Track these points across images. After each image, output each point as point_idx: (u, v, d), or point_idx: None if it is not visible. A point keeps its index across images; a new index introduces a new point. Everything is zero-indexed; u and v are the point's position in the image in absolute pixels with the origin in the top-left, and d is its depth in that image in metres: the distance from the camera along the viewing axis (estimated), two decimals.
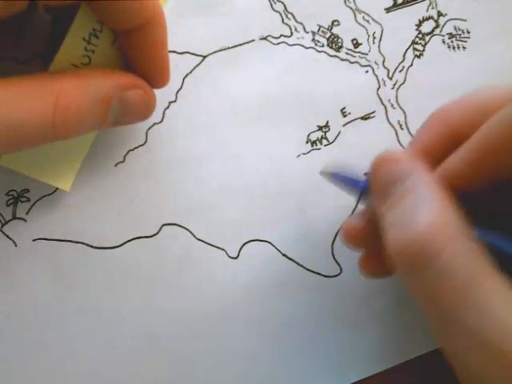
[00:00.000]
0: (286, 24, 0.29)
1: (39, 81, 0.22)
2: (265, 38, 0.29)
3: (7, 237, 0.28)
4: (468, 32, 0.30)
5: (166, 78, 0.26)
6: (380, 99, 0.30)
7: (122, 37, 0.24)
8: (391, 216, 0.21)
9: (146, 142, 0.28)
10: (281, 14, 0.29)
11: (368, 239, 0.25)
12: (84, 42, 0.24)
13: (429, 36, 0.30)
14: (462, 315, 0.18)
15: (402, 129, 0.30)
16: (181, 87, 0.29)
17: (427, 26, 0.30)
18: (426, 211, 0.20)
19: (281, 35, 0.29)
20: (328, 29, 0.29)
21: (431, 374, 0.30)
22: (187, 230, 0.29)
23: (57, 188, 0.28)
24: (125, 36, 0.24)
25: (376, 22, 0.30)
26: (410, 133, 0.30)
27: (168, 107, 0.28)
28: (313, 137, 0.29)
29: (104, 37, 0.24)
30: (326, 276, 0.29)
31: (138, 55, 0.24)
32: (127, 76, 0.24)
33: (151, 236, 0.28)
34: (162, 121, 0.28)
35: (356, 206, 0.29)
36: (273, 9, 0.29)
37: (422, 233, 0.19)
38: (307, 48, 0.29)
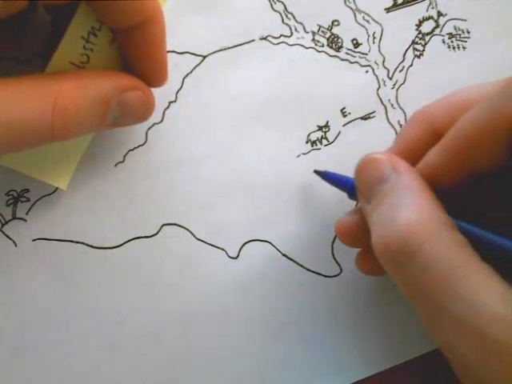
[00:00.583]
0: (286, 24, 0.29)
1: (38, 81, 0.22)
2: (265, 38, 0.29)
3: (7, 237, 0.28)
4: (468, 32, 0.30)
5: (164, 77, 0.26)
6: (380, 99, 0.30)
7: (121, 35, 0.24)
8: (375, 216, 0.22)
9: (145, 141, 0.28)
10: (281, 14, 0.29)
11: (361, 237, 0.25)
12: (83, 40, 0.24)
13: (429, 36, 0.30)
14: (453, 307, 0.18)
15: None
16: (181, 87, 0.29)
17: (427, 26, 0.30)
18: (406, 208, 0.20)
19: (281, 35, 0.29)
20: (328, 29, 0.29)
21: (431, 374, 0.30)
22: (187, 229, 0.29)
23: (56, 188, 0.28)
24: (124, 34, 0.24)
25: (376, 22, 0.30)
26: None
27: (168, 107, 0.28)
28: (313, 137, 0.29)
29: (103, 36, 0.24)
30: (325, 276, 0.29)
31: (136, 54, 0.24)
32: (127, 77, 0.24)
33: (151, 236, 0.28)
34: (161, 121, 0.28)
35: (356, 207, 0.29)
36: (273, 9, 0.29)
37: (404, 229, 0.20)
38: (307, 48, 0.29)
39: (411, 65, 0.30)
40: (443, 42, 0.30)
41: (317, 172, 0.28)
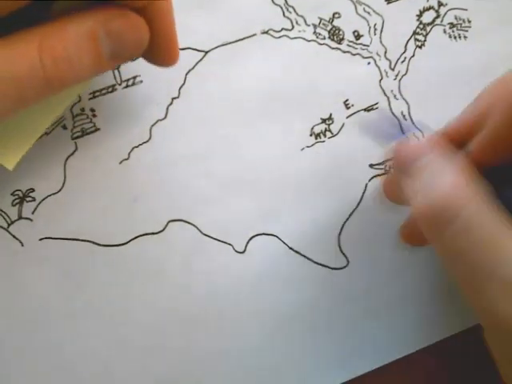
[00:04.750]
0: (287, 17, 0.29)
1: (19, 33, 0.21)
2: (266, 32, 0.29)
3: (14, 237, 0.27)
4: (469, 21, 0.30)
5: (175, 55, 0.24)
6: (383, 90, 0.30)
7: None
8: (416, 184, 0.22)
9: (150, 138, 0.28)
10: (282, 8, 0.29)
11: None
12: None
13: (430, 26, 0.30)
14: (500, 268, 0.18)
15: (406, 119, 0.30)
16: (183, 83, 0.29)
17: (428, 17, 0.30)
18: (447, 172, 0.21)
19: (282, 29, 0.29)
20: (329, 21, 0.29)
21: (438, 365, 0.30)
22: (193, 225, 0.29)
23: (62, 187, 0.28)
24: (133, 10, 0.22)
25: (377, 13, 0.30)
26: (413, 123, 0.30)
27: (171, 103, 0.28)
28: (316, 129, 0.29)
29: None
30: (332, 268, 0.29)
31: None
32: (107, 7, 0.22)
33: (157, 232, 0.28)
34: (165, 117, 0.28)
35: (361, 198, 0.29)
36: (274, 2, 0.29)
37: (445, 192, 0.20)
38: (309, 41, 0.29)
39: (413, 55, 0.30)
40: (444, 31, 0.30)
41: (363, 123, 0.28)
